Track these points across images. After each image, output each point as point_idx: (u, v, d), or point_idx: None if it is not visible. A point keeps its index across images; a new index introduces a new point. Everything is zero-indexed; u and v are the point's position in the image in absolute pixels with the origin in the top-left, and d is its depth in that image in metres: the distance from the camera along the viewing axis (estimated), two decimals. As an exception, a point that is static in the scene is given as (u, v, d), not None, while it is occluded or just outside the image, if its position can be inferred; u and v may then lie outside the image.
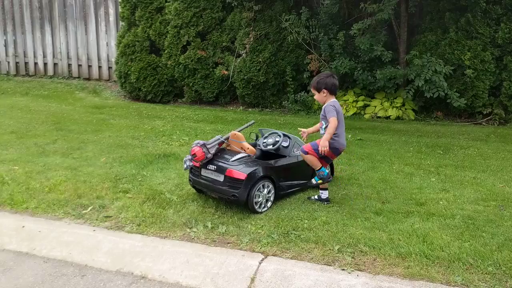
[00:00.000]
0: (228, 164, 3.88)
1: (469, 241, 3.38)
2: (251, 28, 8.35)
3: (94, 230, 3.63)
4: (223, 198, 3.90)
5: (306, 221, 3.70)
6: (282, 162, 4.18)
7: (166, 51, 8.66)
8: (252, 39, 8.31)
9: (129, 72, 8.75)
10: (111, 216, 3.84)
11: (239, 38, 8.44)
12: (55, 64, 10.77)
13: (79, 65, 10.58)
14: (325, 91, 4.00)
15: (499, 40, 7.34)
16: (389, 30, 8.05)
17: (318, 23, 8.22)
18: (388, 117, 7.62)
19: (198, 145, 3.94)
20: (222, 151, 4.10)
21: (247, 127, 4.47)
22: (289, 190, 4.18)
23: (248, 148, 4.09)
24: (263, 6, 8.33)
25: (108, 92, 9.64)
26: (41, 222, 3.76)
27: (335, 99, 4.05)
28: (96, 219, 3.80)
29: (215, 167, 3.92)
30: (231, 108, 8.61)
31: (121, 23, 9.34)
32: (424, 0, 7.99)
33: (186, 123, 7.10)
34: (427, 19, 7.93)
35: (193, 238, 3.51)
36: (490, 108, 7.55)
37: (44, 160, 5.09)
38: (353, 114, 7.77)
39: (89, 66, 10.53)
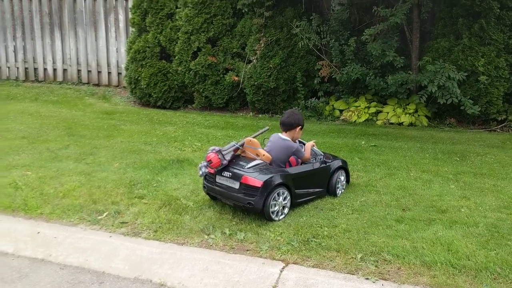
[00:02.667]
0: (243, 171, 3.82)
1: (495, 250, 3.30)
2: (262, 34, 8.31)
3: (110, 236, 3.57)
4: (239, 206, 3.84)
5: (326, 228, 3.63)
6: (297, 169, 4.13)
7: (176, 57, 8.63)
8: (262, 45, 8.27)
9: (139, 78, 8.72)
10: (127, 222, 3.78)
11: (250, 44, 8.40)
12: (64, 70, 10.77)
13: (89, 71, 10.57)
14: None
15: (514, 46, 7.28)
16: (401, 36, 7.99)
17: (329, 29, 8.18)
18: (401, 124, 7.55)
19: (214, 151, 3.88)
20: (237, 157, 4.04)
21: (261, 133, 4.38)
22: (305, 198, 4.11)
23: (263, 155, 4.03)
24: (274, 12, 8.30)
25: (117, 98, 9.61)
26: (56, 228, 3.71)
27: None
28: (112, 225, 3.74)
29: (231, 174, 3.86)
30: (241, 114, 8.56)
31: (131, 29, 9.33)
32: (437, 6, 7.93)
33: (197, 129, 7.06)
34: (439, 25, 7.87)
35: (211, 245, 3.45)
36: (504, 115, 7.46)
37: (57, 165, 5.05)
38: (365, 120, 7.70)
39: (99, 72, 10.51)
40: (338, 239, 3.47)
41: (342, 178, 4.43)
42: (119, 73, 10.29)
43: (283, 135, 4.23)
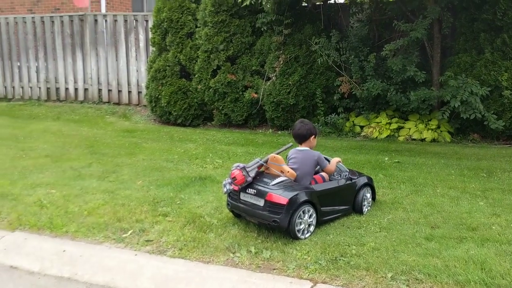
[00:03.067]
0: (268, 188, 3.75)
1: (531, 269, 3.19)
2: (281, 52, 8.34)
3: (135, 255, 3.54)
4: (263, 224, 3.76)
5: (354, 247, 3.55)
6: (323, 186, 4.04)
7: (196, 76, 8.70)
8: (281, 62, 8.29)
9: (159, 96, 8.80)
10: (152, 240, 3.75)
11: (269, 61, 8.43)
12: (85, 89, 10.93)
13: (109, 90, 10.71)
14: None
15: (538, 60, 7.17)
16: (422, 51, 7.94)
17: (348, 45, 8.18)
18: (423, 140, 7.45)
19: (238, 168, 3.83)
20: (261, 174, 3.97)
21: (285, 149, 4.28)
22: (331, 216, 4.02)
23: (288, 171, 3.92)
24: (293, 29, 8.34)
25: (138, 116, 9.70)
26: (81, 246, 3.70)
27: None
28: (137, 243, 3.72)
29: (255, 191, 3.79)
30: (260, 131, 8.56)
31: (151, 48, 9.45)
32: (458, 21, 7.88)
33: (218, 146, 7.05)
34: (460, 40, 7.80)
35: (237, 264, 3.39)
36: (529, 130, 7.32)
37: (81, 183, 5.07)
38: (386, 137, 7.62)
39: (119, 91, 10.64)
40: (367, 257, 3.39)
41: (368, 195, 4.34)
42: (139, 92, 10.40)
43: (300, 147, 4.16)
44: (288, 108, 8.26)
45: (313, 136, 4.14)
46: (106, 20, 10.59)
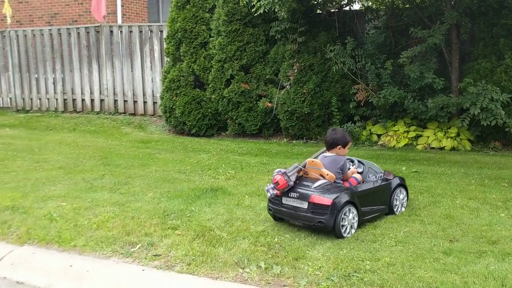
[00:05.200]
0: (311, 191, 3.90)
1: (556, 286, 3.01)
2: (295, 60, 8.25)
3: (143, 270, 3.47)
4: (308, 225, 3.92)
5: (368, 262, 3.41)
6: (362, 187, 4.20)
7: (210, 85, 8.66)
8: (296, 70, 8.20)
9: (174, 107, 8.78)
10: (160, 255, 3.67)
11: (283, 70, 8.35)
12: (101, 100, 10.99)
13: (125, 101, 10.75)
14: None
15: (560, 65, 6.93)
16: (439, 58, 7.76)
17: (364, 52, 8.04)
18: (442, 148, 7.25)
19: (280, 173, 3.98)
20: (300, 178, 4.10)
21: (320, 154, 4.38)
22: (370, 216, 4.15)
23: (327, 174, 4.06)
24: (307, 37, 8.25)
25: (153, 126, 9.70)
26: (89, 260, 3.64)
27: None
28: (145, 258, 3.64)
29: (298, 194, 3.94)
30: (275, 140, 8.46)
31: (166, 58, 9.46)
32: (476, 27, 7.68)
33: (231, 156, 6.98)
34: (479, 45, 7.60)
35: (246, 280, 3.29)
36: (553, 137, 7.07)
37: (92, 195, 5.03)
38: (404, 145, 7.44)
39: (135, 102, 10.67)
40: (382, 273, 3.25)
41: (402, 196, 4.44)
42: (154, 102, 10.40)
43: (327, 153, 4.31)
44: (303, 117, 8.15)
45: (340, 146, 4.24)
46: (121, 31, 10.66)
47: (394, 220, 4.23)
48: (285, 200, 4.02)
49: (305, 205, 3.88)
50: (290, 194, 3.98)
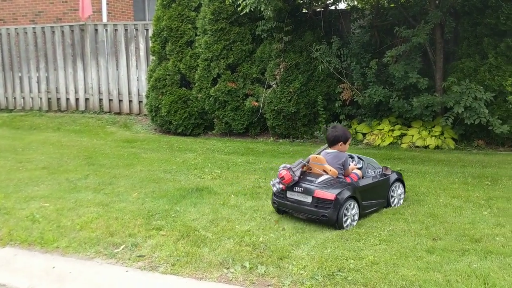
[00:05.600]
0: (315, 186, 4.08)
1: (536, 283, 3.05)
2: (281, 59, 8.25)
3: (127, 271, 3.44)
4: (312, 219, 4.09)
5: (352, 261, 3.43)
6: (363, 182, 4.37)
7: (196, 84, 8.63)
8: (282, 69, 8.20)
9: (159, 106, 8.73)
10: (144, 256, 3.65)
11: (269, 69, 8.34)
12: (86, 99, 10.89)
13: (110, 100, 10.66)
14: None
15: (542, 64, 7.02)
16: (424, 57, 7.82)
17: (350, 52, 8.07)
18: (426, 147, 7.31)
19: (285, 168, 4.15)
20: (304, 174, 4.26)
21: (322, 150, 4.52)
22: (370, 210, 4.33)
23: (330, 170, 4.23)
24: (293, 37, 8.25)
25: (138, 126, 9.63)
26: (72, 262, 3.60)
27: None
28: (129, 259, 3.62)
29: (302, 189, 4.13)
30: (262, 139, 8.45)
31: (151, 57, 9.40)
32: (460, 26, 7.76)
33: (218, 156, 6.96)
34: (463, 45, 7.67)
35: (230, 280, 3.28)
36: (535, 136, 7.16)
37: (76, 196, 4.98)
38: (389, 144, 7.48)
39: (120, 101, 10.59)
40: (365, 272, 3.26)
41: (399, 191, 4.64)
42: (140, 101, 10.34)
43: (329, 150, 4.46)
44: (289, 116, 8.16)
45: (341, 142, 4.41)
46: (106, 30, 10.56)
47: (379, 218, 4.26)
48: (289, 194, 4.19)
49: (309, 199, 4.06)
50: (295, 188, 4.15)
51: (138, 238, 3.91)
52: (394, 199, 4.59)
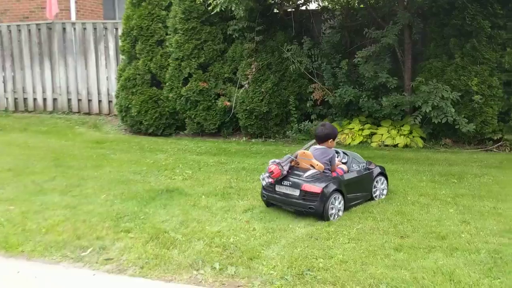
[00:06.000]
0: (302, 180, 4.28)
1: (499, 278, 3.13)
2: (253, 59, 8.25)
3: (94, 275, 3.38)
4: (299, 211, 4.28)
5: (321, 260, 3.45)
6: (348, 176, 4.57)
7: (167, 84, 8.54)
8: (254, 69, 8.20)
9: (130, 106, 8.61)
10: (112, 259, 3.59)
11: (241, 69, 8.33)
12: (54, 100, 10.65)
13: (79, 100, 10.46)
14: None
15: (506, 64, 7.21)
16: (393, 57, 7.94)
17: (320, 52, 8.14)
18: (396, 145, 7.42)
19: (274, 163, 4.33)
20: (292, 168, 4.44)
21: (310, 146, 4.77)
22: (354, 202, 4.54)
23: (317, 165, 4.42)
24: (265, 37, 8.25)
25: (108, 126, 9.48)
26: (37, 266, 3.51)
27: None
28: (96, 262, 3.55)
29: (290, 183, 4.32)
30: (234, 139, 8.43)
31: (121, 56, 9.26)
32: (428, 27, 7.91)
33: (189, 156, 6.90)
34: (431, 45, 7.82)
35: (200, 281, 3.26)
36: (500, 134, 7.35)
37: (42, 198, 4.86)
38: (359, 143, 7.57)
39: (89, 101, 10.40)
40: (334, 271, 3.29)
41: (382, 185, 4.83)
42: (110, 101, 10.18)
43: (318, 146, 4.65)
44: (261, 115, 8.16)
45: (331, 139, 4.64)
46: (74, 29, 10.36)
47: (348, 217, 4.30)
48: (278, 188, 4.37)
49: (297, 192, 4.25)
50: (283, 182, 4.34)
51: (106, 241, 3.85)
52: (377, 191, 4.80)
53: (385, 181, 4.89)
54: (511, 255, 3.47)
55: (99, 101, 10.31)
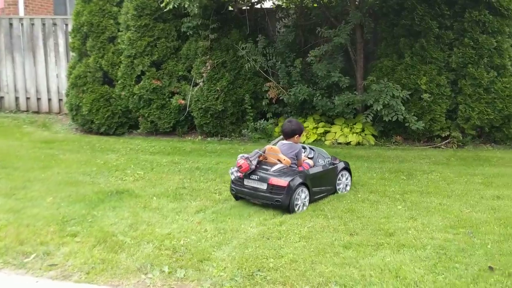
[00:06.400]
0: (269, 174, 4.45)
1: (443, 274, 3.22)
2: (208, 57, 8.17)
3: (37, 282, 3.25)
4: (266, 204, 4.44)
5: (271, 260, 3.45)
6: (313, 170, 4.74)
7: (119, 82, 8.34)
8: (209, 67, 8.12)
9: (80, 104, 8.36)
10: (56, 264, 3.46)
11: (196, 66, 8.24)
12: (1, 98, 10.20)
13: (27, 98, 10.07)
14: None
15: (453, 64, 7.46)
16: (346, 56, 8.07)
17: (275, 51, 8.16)
18: (348, 143, 7.55)
19: (243, 158, 4.48)
20: (261, 163, 4.61)
21: (277, 141, 4.89)
22: (319, 195, 4.73)
23: (284, 159, 4.59)
24: (219, 34, 8.19)
25: (58, 125, 9.17)
26: (-25, 275, 3.34)
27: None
28: (40, 268, 3.42)
29: (258, 177, 4.48)
30: (189, 138, 8.34)
31: (71, 53, 8.97)
32: (379, 27, 8.07)
33: (141, 156, 6.76)
34: (382, 45, 7.99)
35: (148, 286, 3.20)
36: (448, 131, 7.60)
37: (-17, 202, 4.64)
38: (314, 141, 7.65)
39: (38, 99, 10.04)
40: (284, 271, 3.29)
41: (345, 179, 5.03)
42: (60, 100, 9.86)
43: (285, 141, 4.80)
44: (217, 114, 8.10)
45: (297, 135, 4.78)
46: (22, 24, 9.96)
47: (300, 215, 4.33)
48: (246, 182, 4.52)
49: (264, 186, 4.41)
50: (252, 176, 4.49)
51: (51, 246, 3.71)
52: (341, 185, 5.00)
53: (349, 176, 5.10)
54: (455, 251, 3.58)
55: (49, 100, 9.97)
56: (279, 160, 4.59)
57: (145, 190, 5.08)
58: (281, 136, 4.92)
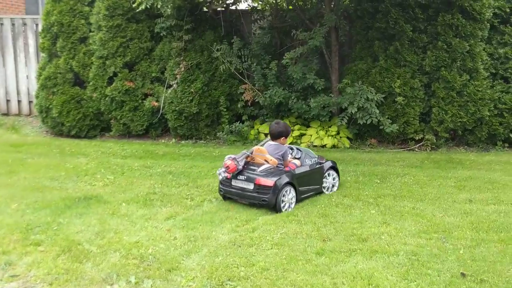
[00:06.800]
0: (256, 174, 4.53)
1: (415, 281, 3.19)
2: (182, 58, 8.05)
3: (-5, 295, 3.10)
4: (254, 203, 4.53)
5: (242, 268, 3.36)
6: (300, 170, 4.79)
7: (91, 83, 8.15)
8: (183, 69, 8.00)
9: (50, 106, 8.13)
10: (18, 275, 3.31)
11: (169, 68, 8.11)
12: (-32, 99, 9.88)
13: (-4, 100, 9.77)
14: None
15: (427, 67, 7.50)
16: (321, 59, 8.05)
17: (250, 52, 8.09)
18: (324, 146, 7.52)
19: (230, 158, 4.56)
20: (248, 163, 4.69)
21: (265, 142, 5.00)
22: (306, 195, 4.81)
23: (271, 160, 4.67)
24: (194, 35, 8.08)
25: (28, 128, 8.92)
26: None
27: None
28: (1, 280, 3.26)
29: (245, 177, 4.55)
30: (163, 141, 8.20)
31: (41, 54, 8.74)
32: (353, 29, 8.07)
33: (113, 160, 6.60)
34: (357, 47, 7.99)
35: (114, 297, 3.07)
36: (421, 134, 7.64)
37: None
38: (289, 144, 7.56)
39: (8, 101, 9.75)
40: (255, 279, 3.21)
41: (331, 178, 5.10)
42: (30, 102, 9.61)
43: (272, 142, 4.91)
44: (191, 116, 7.99)
45: (283, 137, 4.89)
46: (-10, 23, 9.66)
47: (273, 221, 4.25)
48: (234, 182, 4.60)
49: (251, 186, 4.49)
50: (239, 176, 4.57)
51: (13, 256, 3.55)
52: (326, 184, 5.07)
53: (336, 176, 5.17)
54: (427, 256, 3.55)
55: (19, 101, 9.70)
56: (266, 161, 4.66)
57: (114, 195, 4.94)
58: (269, 138, 5.01)
